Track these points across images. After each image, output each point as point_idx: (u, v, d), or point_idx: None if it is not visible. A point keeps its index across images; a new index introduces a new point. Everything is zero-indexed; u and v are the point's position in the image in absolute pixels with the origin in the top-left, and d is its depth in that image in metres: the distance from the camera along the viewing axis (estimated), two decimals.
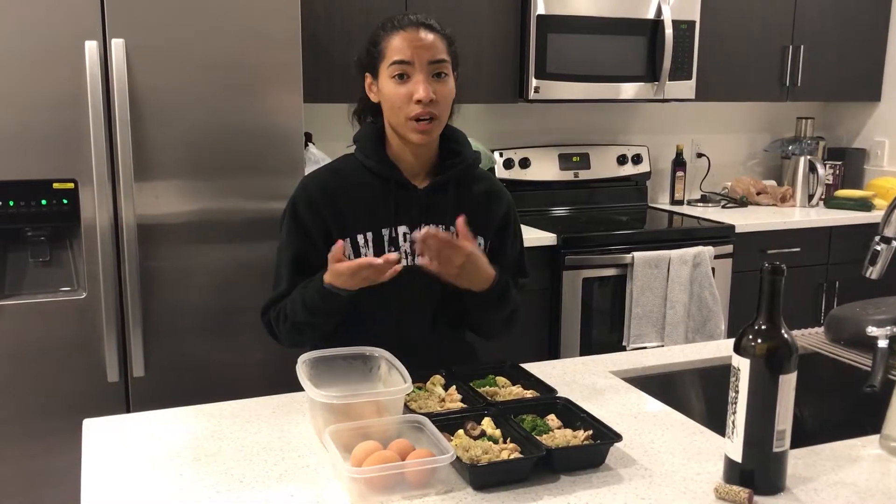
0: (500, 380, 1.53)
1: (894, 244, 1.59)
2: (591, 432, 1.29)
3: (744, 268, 3.33)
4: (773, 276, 1.14)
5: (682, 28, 3.41)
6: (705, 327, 3.22)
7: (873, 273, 1.62)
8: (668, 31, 3.34)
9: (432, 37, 1.61)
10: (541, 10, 3.18)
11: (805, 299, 3.62)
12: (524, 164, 3.57)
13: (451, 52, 1.65)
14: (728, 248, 3.32)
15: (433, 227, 1.56)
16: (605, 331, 3.18)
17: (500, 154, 3.53)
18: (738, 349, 1.17)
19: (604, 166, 3.74)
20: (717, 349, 1.85)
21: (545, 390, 1.48)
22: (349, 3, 2.94)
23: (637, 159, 3.80)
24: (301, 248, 1.68)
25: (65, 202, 2.20)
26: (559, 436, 1.29)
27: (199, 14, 2.25)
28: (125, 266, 2.25)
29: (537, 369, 1.64)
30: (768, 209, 3.82)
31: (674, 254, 3.15)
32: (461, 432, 1.30)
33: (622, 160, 3.77)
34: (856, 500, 1.17)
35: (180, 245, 2.32)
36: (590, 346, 3.12)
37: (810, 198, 3.90)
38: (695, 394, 1.78)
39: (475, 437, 1.29)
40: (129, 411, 2.25)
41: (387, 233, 1.67)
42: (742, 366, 1.16)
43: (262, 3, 2.30)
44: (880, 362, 1.56)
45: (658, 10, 3.36)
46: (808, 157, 3.91)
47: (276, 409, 1.49)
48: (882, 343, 1.61)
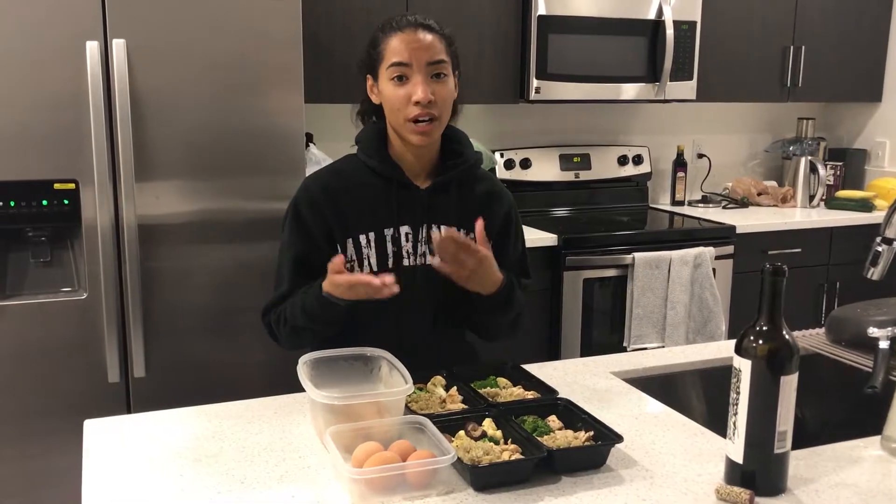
0: (501, 381, 1.53)
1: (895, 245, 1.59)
2: (591, 433, 1.29)
3: (745, 269, 3.33)
4: (774, 277, 1.14)
5: (683, 28, 3.41)
6: (706, 328, 3.22)
7: (874, 274, 1.62)
8: (669, 31, 3.34)
9: (431, 37, 1.61)
10: (542, 10, 3.17)
11: (806, 300, 3.62)
12: (525, 164, 3.57)
13: (450, 53, 1.64)
14: (729, 249, 3.32)
15: (453, 230, 1.55)
16: (605, 331, 3.18)
17: (501, 154, 3.53)
18: (739, 350, 1.17)
19: (604, 167, 3.74)
20: (718, 350, 1.85)
21: (546, 391, 1.48)
22: (350, 3, 2.94)
23: (638, 160, 3.80)
24: (303, 249, 1.67)
25: (66, 202, 2.20)
26: (560, 437, 1.29)
27: (201, 14, 2.25)
28: (126, 266, 2.25)
29: (538, 370, 1.64)
30: (769, 210, 3.82)
31: (674, 254, 3.14)
32: (462, 433, 1.30)
33: (623, 161, 3.77)
34: (857, 502, 1.17)
35: (181, 245, 2.32)
36: (590, 347, 3.12)
37: (811, 198, 3.90)
38: (696, 395, 1.78)
39: (476, 438, 1.29)
40: (129, 412, 2.24)
41: (389, 233, 1.67)
42: (743, 367, 1.16)
43: (263, 3, 2.30)
44: (881, 363, 1.56)
45: (659, 11, 3.36)
46: (809, 157, 3.90)
47: (277, 409, 1.49)
48: (883, 344, 1.61)
